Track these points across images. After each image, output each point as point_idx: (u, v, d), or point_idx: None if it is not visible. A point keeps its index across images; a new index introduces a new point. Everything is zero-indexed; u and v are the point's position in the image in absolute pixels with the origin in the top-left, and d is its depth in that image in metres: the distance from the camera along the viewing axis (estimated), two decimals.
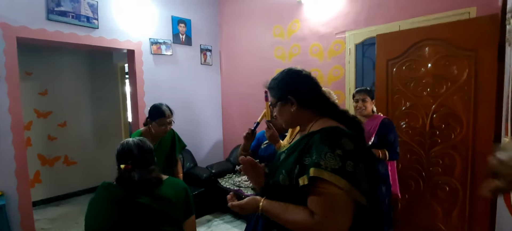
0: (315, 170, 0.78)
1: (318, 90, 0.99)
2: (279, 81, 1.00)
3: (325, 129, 0.88)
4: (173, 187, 1.25)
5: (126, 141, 1.27)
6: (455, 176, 2.15)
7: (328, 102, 0.98)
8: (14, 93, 2.46)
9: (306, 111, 0.97)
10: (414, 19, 2.33)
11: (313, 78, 1.00)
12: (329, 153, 0.79)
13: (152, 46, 3.31)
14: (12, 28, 2.43)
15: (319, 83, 1.01)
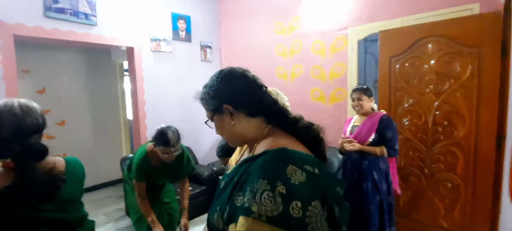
0: (244, 219, 0.56)
1: (261, 92, 0.77)
2: (210, 88, 0.79)
3: (269, 152, 0.65)
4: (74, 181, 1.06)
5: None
6: (457, 173, 2.16)
7: (276, 108, 0.77)
8: (12, 92, 2.42)
9: (250, 122, 0.76)
10: (417, 15, 2.31)
11: (252, 77, 0.79)
12: (267, 191, 0.57)
13: (151, 43, 3.27)
14: (9, 26, 2.39)
15: (262, 83, 0.79)
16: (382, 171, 1.99)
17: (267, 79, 3.43)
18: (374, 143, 1.96)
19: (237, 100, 0.75)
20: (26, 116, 0.97)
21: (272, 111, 0.76)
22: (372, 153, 1.95)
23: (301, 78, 3.17)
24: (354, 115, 2.16)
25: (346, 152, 2.10)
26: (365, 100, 1.99)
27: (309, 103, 3.13)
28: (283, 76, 3.33)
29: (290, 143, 0.70)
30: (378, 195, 1.97)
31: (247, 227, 0.55)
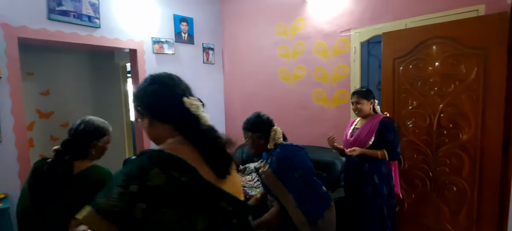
0: (87, 208, 0.58)
1: (172, 101, 0.78)
2: (136, 90, 0.83)
3: (146, 152, 0.67)
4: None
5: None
6: (463, 176, 2.12)
7: (185, 118, 0.77)
8: (17, 95, 2.44)
9: (163, 127, 0.77)
10: (421, 17, 2.29)
11: (173, 84, 0.81)
12: (120, 187, 0.58)
13: (154, 45, 3.28)
14: (13, 29, 2.40)
15: (183, 92, 0.81)
16: (383, 174, 1.96)
17: (269, 80, 3.43)
18: (374, 146, 1.93)
19: (148, 105, 0.79)
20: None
21: (181, 121, 0.76)
22: (373, 156, 1.92)
23: (304, 80, 3.15)
24: (357, 118, 2.14)
25: (346, 155, 2.08)
26: (364, 104, 1.97)
27: (312, 105, 3.11)
28: (285, 78, 3.32)
29: (178, 149, 0.71)
30: (378, 200, 1.94)
31: (84, 216, 0.57)
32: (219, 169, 0.75)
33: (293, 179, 1.38)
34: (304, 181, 1.39)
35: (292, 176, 1.39)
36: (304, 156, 1.52)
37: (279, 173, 1.38)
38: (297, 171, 1.40)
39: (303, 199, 1.35)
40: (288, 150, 1.47)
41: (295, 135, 3.27)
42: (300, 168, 1.42)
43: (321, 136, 3.05)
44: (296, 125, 3.28)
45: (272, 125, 1.53)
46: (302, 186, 1.38)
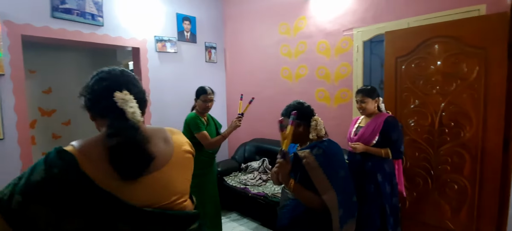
0: None
1: (99, 97, 0.76)
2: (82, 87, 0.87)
3: (56, 148, 0.68)
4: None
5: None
6: (464, 174, 2.14)
7: (109, 114, 0.74)
8: (19, 92, 2.44)
9: (102, 122, 0.76)
10: (423, 16, 2.31)
11: (105, 77, 0.78)
12: (16, 179, 0.62)
13: (157, 44, 3.29)
14: (17, 26, 2.41)
15: (120, 83, 0.77)
16: (386, 173, 1.97)
17: (271, 79, 3.44)
18: (378, 145, 1.95)
19: (86, 101, 0.79)
20: None
21: (109, 115, 0.74)
22: (377, 154, 1.94)
23: (306, 79, 3.17)
24: (361, 115, 2.15)
25: (350, 153, 2.09)
26: (369, 102, 1.98)
27: (314, 104, 3.07)
28: (288, 77, 3.33)
29: (88, 145, 0.70)
30: (380, 198, 1.95)
31: None
32: (123, 169, 0.68)
33: (338, 178, 1.32)
34: (345, 183, 1.33)
35: (338, 173, 1.32)
36: (342, 155, 1.46)
37: (326, 167, 1.30)
38: (341, 171, 1.35)
39: (342, 201, 1.29)
40: (337, 147, 1.41)
41: None
42: (343, 168, 1.36)
43: None
44: None
45: (313, 114, 1.45)
46: (342, 187, 1.32)
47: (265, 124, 3.53)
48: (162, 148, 0.78)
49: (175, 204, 0.77)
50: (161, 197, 0.74)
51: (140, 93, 0.81)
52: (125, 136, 0.69)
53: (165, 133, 0.82)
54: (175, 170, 0.79)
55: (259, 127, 3.68)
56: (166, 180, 0.76)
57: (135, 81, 0.82)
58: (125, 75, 0.80)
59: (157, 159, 0.74)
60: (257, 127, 3.69)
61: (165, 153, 0.78)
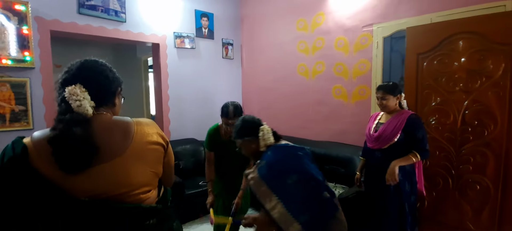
0: None
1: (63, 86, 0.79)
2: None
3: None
4: None
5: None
6: (486, 175, 2.08)
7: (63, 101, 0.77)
8: (48, 84, 2.57)
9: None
10: (447, 11, 2.25)
11: (68, 70, 0.84)
12: None
13: (176, 40, 3.36)
14: (46, 22, 2.53)
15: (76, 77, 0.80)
16: (406, 171, 1.94)
17: (288, 76, 3.45)
18: (400, 143, 1.90)
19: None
20: None
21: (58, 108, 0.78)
22: (409, 163, 1.87)
23: (323, 76, 3.16)
24: (380, 112, 2.12)
25: (369, 151, 2.07)
26: (390, 99, 1.92)
27: (330, 101, 3.11)
28: (304, 73, 3.33)
29: (42, 135, 0.74)
30: (399, 197, 1.93)
31: None
32: (61, 161, 0.70)
33: (286, 186, 1.18)
34: (300, 187, 1.19)
35: (284, 182, 1.19)
36: (301, 157, 1.30)
37: (268, 179, 1.20)
38: (291, 177, 1.20)
39: (301, 209, 1.15)
40: (280, 152, 1.31)
41: (313, 130, 3.29)
42: (294, 172, 1.22)
43: (340, 132, 3.05)
44: (314, 121, 3.29)
45: (259, 125, 1.39)
46: (298, 193, 1.18)
47: (280, 121, 3.54)
48: (117, 140, 0.78)
49: (126, 196, 0.77)
50: (107, 188, 0.74)
51: (103, 86, 0.84)
52: (60, 129, 0.71)
53: (127, 125, 0.82)
54: (131, 162, 0.78)
55: (274, 124, 3.68)
56: (116, 171, 0.76)
57: (97, 76, 0.84)
58: (84, 70, 0.82)
59: (108, 151, 0.75)
60: (272, 124, 3.70)
61: (120, 145, 0.78)
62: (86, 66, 0.84)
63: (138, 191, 0.80)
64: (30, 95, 2.46)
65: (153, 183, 0.86)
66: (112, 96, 0.88)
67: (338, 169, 2.77)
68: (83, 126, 0.73)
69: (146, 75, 4.60)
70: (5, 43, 2.30)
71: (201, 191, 2.88)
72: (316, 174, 1.25)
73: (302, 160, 1.28)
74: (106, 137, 0.77)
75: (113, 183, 0.75)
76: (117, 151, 0.77)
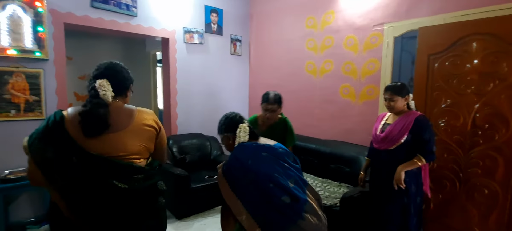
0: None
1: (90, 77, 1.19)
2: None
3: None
4: None
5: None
6: (495, 179, 2.05)
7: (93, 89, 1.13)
8: (61, 76, 2.63)
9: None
10: (461, 12, 2.21)
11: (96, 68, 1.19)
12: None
13: (185, 35, 3.39)
14: (60, 14, 2.59)
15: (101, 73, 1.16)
16: (413, 173, 1.92)
17: (295, 74, 3.44)
18: (406, 144, 1.89)
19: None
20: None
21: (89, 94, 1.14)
22: (415, 167, 1.86)
23: (331, 74, 3.14)
24: (388, 112, 2.10)
25: (374, 151, 2.06)
26: (398, 101, 1.90)
27: (338, 100, 3.10)
28: (312, 72, 3.32)
29: (73, 110, 1.11)
30: (405, 197, 1.92)
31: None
32: (84, 129, 1.05)
33: (242, 183, 1.23)
34: (256, 188, 1.21)
35: (241, 179, 1.23)
36: (264, 158, 1.30)
37: (228, 175, 1.26)
38: (248, 175, 1.23)
39: (256, 207, 1.18)
40: (243, 150, 1.33)
41: (320, 129, 3.28)
42: (252, 172, 1.23)
43: (346, 131, 3.04)
44: (321, 119, 3.28)
45: (239, 123, 1.44)
46: (254, 193, 1.20)
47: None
48: (123, 120, 1.13)
49: (123, 158, 1.09)
50: (111, 150, 1.07)
51: (121, 82, 1.19)
52: (89, 108, 1.07)
53: (132, 111, 1.17)
54: (129, 136, 1.12)
55: None
56: (118, 140, 1.09)
57: (118, 75, 1.19)
58: (109, 69, 1.17)
59: (115, 126, 1.10)
60: None
61: (124, 123, 1.12)
62: (111, 67, 1.19)
63: (131, 157, 1.11)
64: (44, 86, 2.52)
65: (143, 154, 1.16)
66: (126, 90, 1.23)
67: (343, 168, 2.76)
68: (104, 108, 1.08)
69: (154, 69, 4.65)
70: (21, 35, 2.36)
71: (207, 185, 2.92)
72: (279, 176, 1.23)
73: (264, 160, 1.28)
74: (116, 117, 1.11)
75: (114, 147, 1.08)
76: (121, 127, 1.11)
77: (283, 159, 1.34)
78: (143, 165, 1.14)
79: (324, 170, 2.91)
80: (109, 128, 1.07)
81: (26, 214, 2.56)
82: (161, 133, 1.24)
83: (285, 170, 1.29)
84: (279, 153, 1.35)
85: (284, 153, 1.38)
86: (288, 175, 1.27)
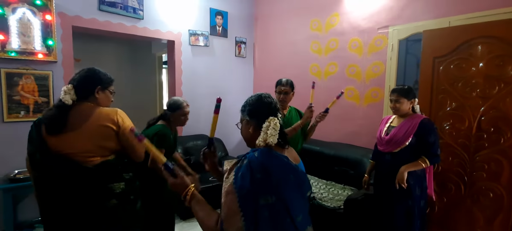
0: None
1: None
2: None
3: None
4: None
5: None
6: (501, 182, 2.04)
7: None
8: (69, 78, 2.65)
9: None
10: (466, 15, 2.21)
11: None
12: None
13: (190, 37, 3.42)
14: (68, 18, 2.64)
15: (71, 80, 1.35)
16: (417, 175, 1.92)
17: (300, 76, 3.45)
18: (411, 147, 1.89)
19: None
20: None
21: None
22: (418, 168, 1.86)
23: (336, 77, 3.15)
24: (392, 115, 2.11)
25: (378, 153, 2.07)
26: (404, 103, 1.91)
27: (342, 103, 3.10)
28: (316, 74, 3.33)
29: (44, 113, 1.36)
30: (409, 200, 1.92)
31: None
32: (46, 127, 1.24)
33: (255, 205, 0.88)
34: (270, 215, 0.88)
35: (256, 199, 0.88)
36: (295, 184, 0.96)
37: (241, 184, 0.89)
38: (267, 197, 0.88)
39: None
40: (272, 160, 0.94)
41: (324, 131, 3.28)
42: (272, 194, 0.89)
43: (350, 134, 3.04)
44: (325, 121, 3.26)
45: (272, 114, 1.02)
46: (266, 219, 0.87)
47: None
48: (78, 120, 1.24)
49: (72, 155, 1.23)
50: (64, 148, 1.23)
51: (84, 86, 1.30)
52: (48, 110, 1.27)
53: (91, 112, 1.27)
54: (82, 135, 1.24)
55: None
56: (71, 139, 1.23)
57: (82, 80, 1.31)
58: (77, 75, 1.33)
59: (72, 126, 1.23)
60: None
61: (79, 123, 1.24)
62: (80, 73, 1.34)
63: (81, 154, 1.24)
64: (52, 88, 2.57)
65: (97, 152, 1.27)
66: (90, 93, 1.32)
67: (347, 170, 2.77)
68: (58, 110, 1.24)
69: (160, 71, 4.71)
70: (31, 38, 2.41)
71: (211, 186, 2.94)
72: (297, 210, 0.95)
73: (292, 187, 0.96)
74: (74, 117, 1.25)
75: (66, 146, 1.23)
76: (76, 126, 1.24)
77: (304, 189, 1.04)
78: (96, 163, 1.26)
79: (328, 172, 2.91)
80: (65, 128, 1.22)
81: (34, 213, 2.60)
82: (122, 132, 1.30)
83: (302, 202, 1.01)
84: (304, 182, 1.04)
85: (307, 182, 1.06)
86: (301, 210, 0.99)
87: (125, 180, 1.35)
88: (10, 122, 2.40)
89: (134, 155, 1.37)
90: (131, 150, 1.35)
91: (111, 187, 1.28)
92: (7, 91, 2.36)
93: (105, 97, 1.37)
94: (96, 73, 1.35)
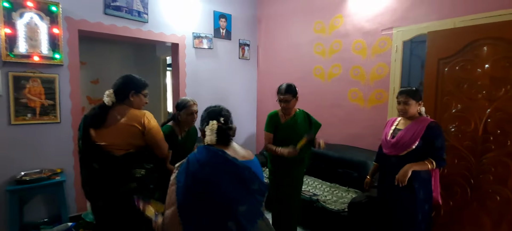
0: None
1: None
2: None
3: None
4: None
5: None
6: (508, 186, 2.01)
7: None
8: (75, 81, 2.71)
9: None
10: (471, 16, 2.19)
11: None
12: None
13: (194, 40, 3.44)
14: (75, 21, 2.67)
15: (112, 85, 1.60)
16: (423, 179, 1.90)
17: (303, 78, 3.45)
18: (417, 150, 1.86)
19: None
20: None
21: None
22: (423, 169, 1.84)
23: (339, 79, 3.14)
24: (397, 117, 2.08)
25: (383, 156, 2.05)
26: (412, 105, 1.87)
27: (346, 104, 3.09)
28: (320, 76, 3.32)
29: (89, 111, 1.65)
30: (413, 204, 1.89)
31: None
32: (89, 122, 1.50)
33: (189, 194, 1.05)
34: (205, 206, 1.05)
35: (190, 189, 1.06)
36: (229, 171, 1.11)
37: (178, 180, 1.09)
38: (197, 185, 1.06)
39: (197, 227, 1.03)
40: (205, 154, 1.13)
41: (327, 133, 3.27)
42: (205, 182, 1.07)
43: (354, 136, 3.02)
44: (329, 123, 3.27)
45: (211, 119, 1.22)
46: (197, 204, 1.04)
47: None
48: (115, 118, 1.49)
49: (106, 146, 1.47)
50: (100, 140, 1.48)
51: (120, 90, 1.54)
52: (93, 109, 1.54)
53: (124, 111, 1.51)
54: (114, 131, 1.48)
55: None
56: (106, 133, 1.48)
57: (119, 85, 1.55)
58: (116, 81, 1.57)
59: (108, 122, 1.49)
60: None
61: (114, 121, 1.49)
62: (118, 80, 1.58)
63: (110, 146, 1.48)
64: (59, 91, 2.61)
65: (123, 146, 1.49)
66: (125, 96, 1.55)
67: (351, 173, 2.75)
68: (100, 109, 1.51)
69: (164, 73, 4.74)
70: (38, 42, 2.45)
71: None
72: (232, 198, 1.06)
73: (223, 176, 1.08)
74: (110, 116, 1.50)
75: (101, 138, 1.48)
76: (111, 123, 1.49)
77: (248, 182, 1.13)
78: (121, 154, 1.48)
79: (332, 175, 2.90)
80: (103, 124, 1.48)
81: (40, 215, 2.63)
82: (147, 131, 1.53)
83: (244, 193, 1.10)
84: (245, 175, 1.12)
85: (251, 177, 1.14)
86: (243, 201, 1.08)
87: (146, 168, 1.55)
88: (17, 124, 2.44)
89: (158, 150, 1.60)
90: (156, 146, 1.58)
91: (133, 172, 1.50)
92: (14, 94, 2.40)
93: (138, 100, 1.60)
94: (130, 79, 1.58)
